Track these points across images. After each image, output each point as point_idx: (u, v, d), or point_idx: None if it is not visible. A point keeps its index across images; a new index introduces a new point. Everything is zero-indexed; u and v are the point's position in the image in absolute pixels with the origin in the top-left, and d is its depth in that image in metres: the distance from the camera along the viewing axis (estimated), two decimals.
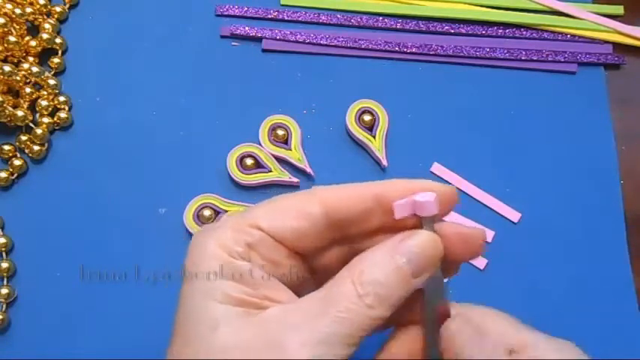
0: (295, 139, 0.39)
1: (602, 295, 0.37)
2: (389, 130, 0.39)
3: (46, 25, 0.40)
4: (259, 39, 0.42)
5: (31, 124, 0.38)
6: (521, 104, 0.41)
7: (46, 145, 0.39)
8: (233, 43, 0.42)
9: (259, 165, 0.38)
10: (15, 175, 0.38)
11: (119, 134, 0.39)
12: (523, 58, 0.42)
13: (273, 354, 0.20)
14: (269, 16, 0.42)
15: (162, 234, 0.37)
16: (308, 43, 0.41)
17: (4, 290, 0.35)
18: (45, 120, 0.39)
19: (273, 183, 0.38)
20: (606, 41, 0.43)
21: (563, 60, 0.42)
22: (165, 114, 0.40)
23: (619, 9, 0.44)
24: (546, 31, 0.43)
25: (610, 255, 0.38)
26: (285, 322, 0.21)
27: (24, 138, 0.38)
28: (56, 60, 0.40)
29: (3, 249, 0.36)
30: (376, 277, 0.21)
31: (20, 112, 0.38)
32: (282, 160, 0.39)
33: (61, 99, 0.39)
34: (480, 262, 0.37)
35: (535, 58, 0.42)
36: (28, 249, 0.37)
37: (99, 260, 0.37)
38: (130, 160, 0.39)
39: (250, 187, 0.38)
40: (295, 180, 0.38)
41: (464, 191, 0.39)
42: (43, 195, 0.38)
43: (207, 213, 0.37)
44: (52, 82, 0.39)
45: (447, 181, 0.39)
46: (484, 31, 0.43)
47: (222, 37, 0.42)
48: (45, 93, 0.39)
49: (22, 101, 0.39)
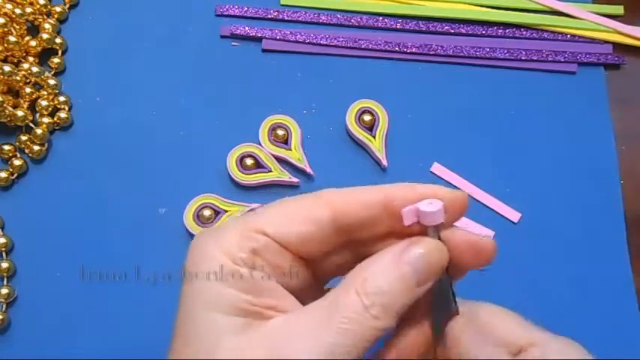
0: (295, 139, 0.39)
1: (602, 295, 0.37)
2: (389, 130, 0.39)
3: (46, 25, 0.40)
4: (259, 39, 0.42)
5: (31, 124, 0.38)
6: (521, 104, 0.41)
7: (46, 145, 0.39)
8: (233, 43, 0.42)
9: (259, 165, 0.38)
10: (15, 175, 0.38)
11: (119, 134, 0.39)
12: (523, 58, 0.42)
13: None
14: (269, 16, 0.42)
15: (162, 234, 0.37)
16: (308, 43, 0.41)
17: (4, 290, 0.35)
18: (45, 120, 0.39)
19: (273, 183, 0.38)
20: (606, 41, 0.43)
21: (563, 60, 0.42)
22: (165, 114, 0.40)
23: (619, 9, 0.44)
24: (546, 31, 0.43)
25: (610, 255, 0.38)
26: (289, 334, 0.21)
27: (24, 138, 0.38)
28: (56, 60, 0.40)
29: (3, 249, 0.36)
30: (380, 286, 0.21)
31: (20, 112, 0.38)
32: (282, 160, 0.39)
33: (61, 99, 0.39)
34: None
35: (535, 58, 0.42)
36: (28, 249, 0.37)
37: (99, 260, 0.37)
38: (130, 160, 0.39)
39: (250, 187, 0.38)
40: (295, 180, 0.38)
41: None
42: (43, 195, 0.38)
43: (207, 213, 0.37)
44: (52, 82, 0.39)
45: (447, 181, 0.39)
46: (484, 31, 0.43)
47: (222, 37, 0.42)
48: (45, 93, 0.39)
49: (22, 101, 0.39)
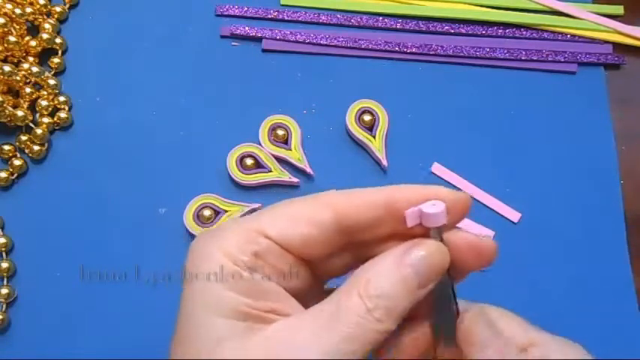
0: (295, 139, 0.39)
1: (602, 295, 0.37)
2: (389, 130, 0.39)
3: (46, 25, 0.40)
4: (259, 39, 0.42)
5: (31, 124, 0.38)
6: (521, 104, 0.41)
7: (46, 145, 0.39)
8: (233, 43, 0.42)
9: (259, 165, 0.38)
10: (15, 175, 0.38)
11: (119, 134, 0.39)
12: (523, 58, 0.42)
13: None
14: (269, 16, 0.42)
15: (162, 234, 0.37)
16: (308, 43, 0.41)
17: (4, 290, 0.35)
18: (45, 120, 0.39)
19: (273, 183, 0.38)
20: (606, 41, 0.43)
21: (563, 60, 0.42)
22: (166, 114, 0.40)
23: (619, 9, 0.44)
24: (546, 31, 0.43)
25: (610, 255, 0.38)
26: (291, 339, 0.20)
27: (24, 138, 0.38)
28: (56, 60, 0.40)
29: (3, 249, 0.36)
30: (383, 288, 0.21)
31: (20, 112, 0.38)
32: (282, 160, 0.39)
33: (61, 99, 0.39)
34: None
35: (535, 58, 0.42)
36: (28, 249, 0.37)
37: (99, 260, 0.37)
38: (130, 160, 0.39)
39: (250, 187, 0.38)
40: (295, 180, 0.38)
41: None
42: (43, 195, 0.38)
43: (207, 213, 0.37)
44: (52, 82, 0.39)
45: (447, 181, 0.39)
46: (484, 31, 0.43)
47: (222, 37, 0.42)
48: (45, 93, 0.39)
49: (22, 101, 0.39)
